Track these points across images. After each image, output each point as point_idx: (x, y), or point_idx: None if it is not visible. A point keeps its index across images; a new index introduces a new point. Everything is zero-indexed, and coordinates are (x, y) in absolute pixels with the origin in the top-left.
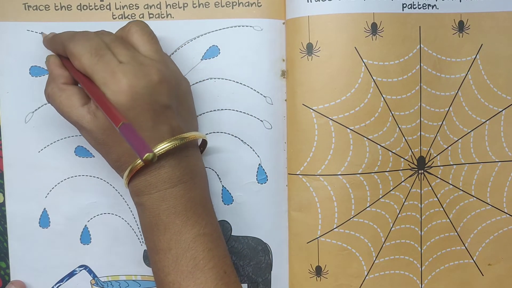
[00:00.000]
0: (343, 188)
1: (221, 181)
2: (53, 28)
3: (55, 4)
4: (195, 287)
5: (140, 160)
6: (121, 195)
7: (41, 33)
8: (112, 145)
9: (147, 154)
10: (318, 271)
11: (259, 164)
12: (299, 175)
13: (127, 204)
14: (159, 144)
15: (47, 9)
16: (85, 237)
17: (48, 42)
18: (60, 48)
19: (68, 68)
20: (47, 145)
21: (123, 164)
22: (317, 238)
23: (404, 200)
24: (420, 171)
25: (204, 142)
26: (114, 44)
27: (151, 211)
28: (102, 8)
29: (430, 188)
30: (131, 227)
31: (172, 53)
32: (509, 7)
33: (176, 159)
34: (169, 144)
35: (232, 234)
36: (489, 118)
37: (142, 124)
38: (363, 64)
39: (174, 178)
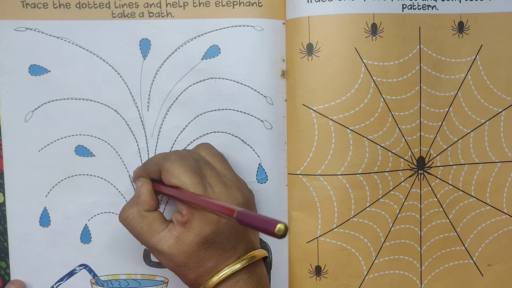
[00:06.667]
0: (343, 188)
1: None
2: (52, 26)
3: (53, 2)
4: None
5: (215, 278)
6: (121, 194)
7: (129, 175)
8: (192, 267)
9: (278, 226)
10: (318, 270)
11: (259, 164)
12: (299, 175)
13: None
14: (235, 262)
15: (45, 7)
16: (85, 236)
17: (140, 170)
18: (154, 169)
19: (160, 188)
20: (47, 144)
21: (200, 283)
22: (317, 238)
23: (403, 200)
24: (419, 171)
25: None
26: (204, 167)
27: None
28: (101, 7)
29: (429, 188)
30: None
31: (172, 53)
32: (509, 7)
33: (248, 273)
34: (241, 262)
35: None
36: (489, 119)
37: (225, 246)
38: (363, 64)
39: None
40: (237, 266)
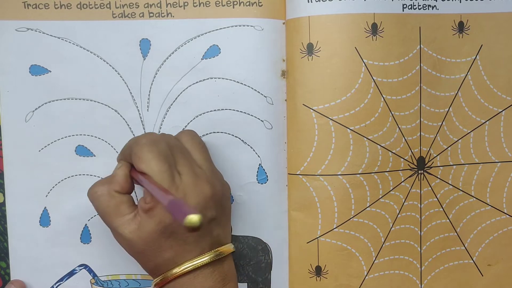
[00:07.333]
0: (343, 188)
1: None
2: (52, 26)
3: (54, 2)
4: None
5: (176, 270)
6: None
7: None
8: (151, 256)
9: (189, 217)
10: (318, 271)
11: (259, 164)
12: (299, 175)
13: None
14: (198, 257)
15: (46, 7)
16: (85, 236)
17: (120, 153)
18: (127, 153)
19: (133, 174)
20: (48, 144)
21: (159, 273)
22: (317, 238)
23: (404, 200)
24: (420, 171)
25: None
26: (177, 154)
27: None
28: (102, 7)
29: (430, 188)
30: None
31: (172, 53)
32: (509, 7)
33: (211, 268)
34: (206, 257)
35: (232, 233)
36: (489, 119)
37: (187, 238)
38: (363, 64)
39: (206, 287)
40: (204, 259)
